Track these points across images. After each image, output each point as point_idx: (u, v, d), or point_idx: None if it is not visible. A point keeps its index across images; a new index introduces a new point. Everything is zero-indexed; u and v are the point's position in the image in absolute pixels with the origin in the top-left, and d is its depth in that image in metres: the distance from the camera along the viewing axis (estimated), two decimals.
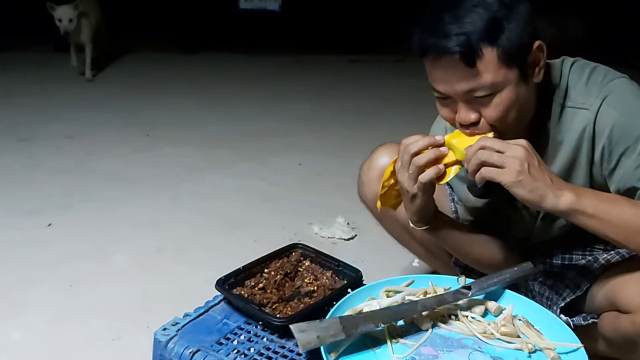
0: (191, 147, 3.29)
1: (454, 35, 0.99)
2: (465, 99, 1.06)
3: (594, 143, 1.10)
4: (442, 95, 1.09)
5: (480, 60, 1.01)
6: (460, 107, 1.08)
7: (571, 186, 1.05)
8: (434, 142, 1.09)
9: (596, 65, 1.15)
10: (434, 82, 1.08)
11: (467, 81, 1.03)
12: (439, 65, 1.04)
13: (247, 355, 1.09)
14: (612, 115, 1.07)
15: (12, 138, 3.37)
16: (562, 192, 1.01)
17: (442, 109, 1.13)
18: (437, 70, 1.06)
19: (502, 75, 1.03)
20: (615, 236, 1.04)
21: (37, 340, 1.62)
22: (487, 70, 1.02)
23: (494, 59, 1.01)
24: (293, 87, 4.74)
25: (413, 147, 1.10)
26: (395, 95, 4.38)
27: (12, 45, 5.73)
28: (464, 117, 1.07)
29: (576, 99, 1.11)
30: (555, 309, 1.26)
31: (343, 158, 3.03)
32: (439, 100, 1.12)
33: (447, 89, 1.06)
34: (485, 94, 1.04)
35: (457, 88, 1.05)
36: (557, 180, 1.03)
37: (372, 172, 1.39)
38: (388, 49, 5.90)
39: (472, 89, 1.04)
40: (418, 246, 1.50)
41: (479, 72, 1.02)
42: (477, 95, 1.04)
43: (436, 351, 1.01)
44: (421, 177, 1.08)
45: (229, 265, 1.30)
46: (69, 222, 2.35)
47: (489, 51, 1.01)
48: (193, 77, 5.01)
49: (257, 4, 5.63)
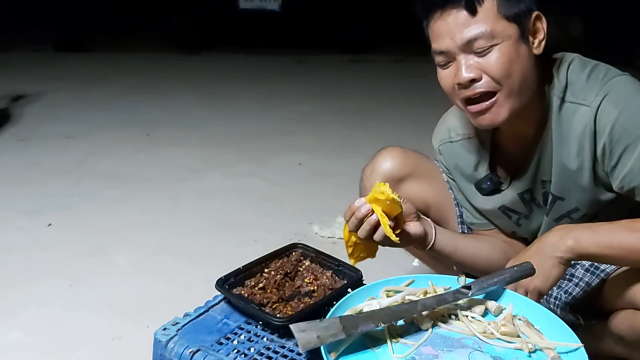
0: (191, 147, 3.29)
1: None
2: (465, 50, 1.07)
3: (595, 140, 1.11)
4: (443, 57, 1.10)
5: (480, 6, 1.05)
6: (460, 65, 1.08)
7: (565, 232, 1.11)
8: (355, 209, 1.11)
9: (597, 63, 1.15)
10: (435, 40, 1.10)
11: (468, 29, 1.06)
12: (440, 18, 1.08)
13: (247, 355, 1.09)
14: (613, 113, 1.07)
15: (12, 138, 3.37)
16: (558, 249, 1.09)
17: (444, 76, 1.13)
18: (438, 24, 1.08)
19: (501, 26, 1.06)
20: (628, 263, 1.12)
21: (37, 340, 1.62)
22: (487, 18, 1.05)
23: (494, 8, 1.05)
24: (293, 87, 4.75)
25: (346, 216, 1.14)
26: (395, 95, 4.39)
27: (12, 45, 5.73)
28: (465, 75, 1.08)
29: (577, 94, 1.12)
30: (565, 306, 1.26)
31: (343, 158, 3.03)
32: (440, 67, 1.13)
33: (447, 42, 1.08)
34: (485, 44, 1.06)
35: (457, 38, 1.06)
36: (548, 240, 1.12)
37: (375, 177, 1.38)
38: (388, 49, 5.90)
39: (473, 37, 1.05)
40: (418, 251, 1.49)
41: (479, 19, 1.05)
42: (477, 48, 1.06)
43: (436, 351, 1.01)
44: (359, 233, 1.12)
45: (229, 265, 1.30)
46: (69, 222, 2.35)
47: (490, 1, 1.05)
48: (193, 77, 5.01)
49: (257, 4, 5.63)
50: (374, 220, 1.09)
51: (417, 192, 1.38)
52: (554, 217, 1.24)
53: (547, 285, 1.12)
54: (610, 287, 1.22)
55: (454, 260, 1.29)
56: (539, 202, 1.26)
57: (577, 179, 1.15)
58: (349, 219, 1.12)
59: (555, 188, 1.19)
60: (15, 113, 3.86)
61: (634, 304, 1.13)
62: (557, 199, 1.20)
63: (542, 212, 1.27)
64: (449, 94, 1.15)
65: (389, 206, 1.08)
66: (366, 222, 1.10)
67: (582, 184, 1.15)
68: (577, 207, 1.19)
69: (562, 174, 1.16)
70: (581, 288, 1.26)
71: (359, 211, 1.10)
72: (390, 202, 1.07)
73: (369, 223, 1.10)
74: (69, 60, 5.22)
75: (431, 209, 1.41)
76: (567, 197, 1.19)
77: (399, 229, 1.14)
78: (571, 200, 1.19)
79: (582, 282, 1.26)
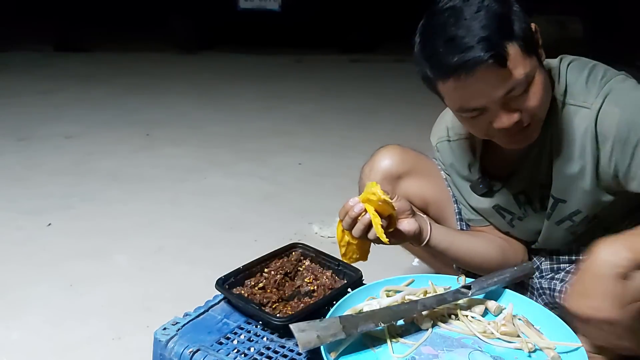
0: (191, 147, 3.29)
1: (476, 44, 0.97)
2: (503, 102, 1.03)
3: (597, 143, 1.10)
4: (476, 111, 1.05)
5: (509, 59, 0.99)
6: (500, 114, 1.04)
7: (615, 247, 0.99)
8: (349, 208, 1.12)
9: (595, 64, 1.15)
10: (465, 101, 1.04)
11: (504, 84, 1.00)
12: (469, 81, 1.00)
13: (247, 355, 1.09)
14: (616, 113, 1.06)
15: (12, 138, 3.37)
16: (618, 265, 0.97)
17: (475, 125, 1.10)
18: (467, 88, 1.01)
19: (529, 64, 1.02)
20: None
21: (37, 340, 1.62)
22: (517, 65, 1.00)
23: (519, 52, 1.00)
24: (293, 87, 4.74)
25: (341, 215, 1.15)
26: (395, 95, 4.39)
27: (12, 45, 5.73)
28: (507, 121, 1.04)
29: (577, 97, 1.11)
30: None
31: (343, 158, 3.03)
32: (470, 119, 1.08)
33: (484, 101, 1.03)
34: (523, 89, 1.03)
35: (494, 95, 1.01)
36: (599, 262, 0.99)
37: (374, 174, 1.39)
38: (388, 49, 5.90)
39: (511, 89, 1.01)
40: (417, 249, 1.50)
41: (510, 70, 1.00)
42: (515, 95, 1.03)
43: (436, 351, 1.01)
44: (354, 232, 1.13)
45: (229, 265, 1.30)
46: (69, 222, 2.35)
47: (512, 46, 1.00)
48: (193, 77, 5.01)
49: (257, 4, 5.63)
50: (367, 220, 1.10)
51: (415, 189, 1.39)
52: (555, 220, 1.24)
53: (615, 311, 0.98)
54: None
55: (450, 257, 1.29)
56: (535, 206, 1.26)
57: (579, 181, 1.15)
58: (344, 217, 1.13)
59: (557, 191, 1.19)
60: (15, 113, 3.86)
61: None
62: (559, 201, 1.20)
63: (538, 215, 1.27)
64: (480, 136, 1.13)
65: (381, 206, 1.09)
66: (359, 221, 1.11)
67: (584, 186, 1.15)
68: (579, 209, 1.19)
69: (563, 176, 1.16)
70: None
71: (352, 210, 1.11)
72: (382, 203, 1.08)
73: (363, 222, 1.10)
74: (69, 60, 5.21)
75: (430, 206, 1.41)
76: (568, 199, 1.19)
77: (392, 228, 1.15)
78: (573, 202, 1.19)
79: None
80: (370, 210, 1.09)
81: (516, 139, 1.10)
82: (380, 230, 1.09)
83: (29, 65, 5.22)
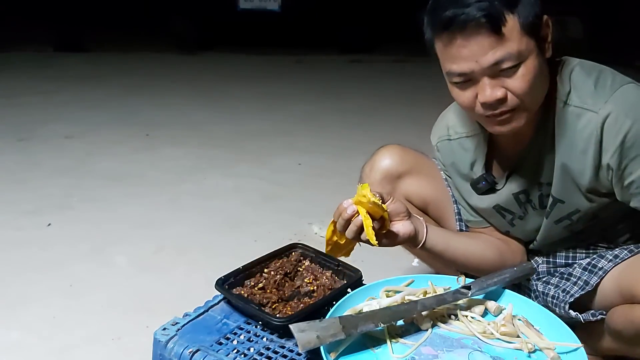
0: (191, 147, 3.29)
1: (474, 2, 0.98)
2: (490, 73, 1.02)
3: (601, 147, 1.10)
4: (462, 78, 1.05)
5: (504, 27, 0.98)
6: (485, 86, 1.04)
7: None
8: (342, 210, 1.12)
9: (603, 68, 1.14)
10: (455, 61, 1.03)
11: (494, 51, 1.00)
12: (461, 40, 1.00)
13: (246, 355, 1.09)
14: (626, 123, 1.06)
15: (12, 138, 3.37)
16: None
17: (462, 94, 1.08)
18: (458, 46, 1.01)
19: (525, 43, 1.01)
20: None
21: (37, 340, 1.62)
22: (512, 37, 1.00)
23: (517, 26, 1.00)
24: (293, 87, 4.75)
25: (335, 216, 1.15)
26: (395, 95, 4.38)
27: (12, 45, 5.74)
28: (490, 95, 1.04)
29: (584, 100, 1.10)
30: (564, 305, 1.26)
31: (343, 158, 3.03)
32: (457, 85, 1.08)
33: (471, 65, 1.02)
34: (512, 64, 1.02)
35: (482, 61, 1.01)
36: None
37: (374, 174, 1.39)
38: (388, 49, 5.90)
39: (500, 59, 1.00)
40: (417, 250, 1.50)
41: (505, 40, 0.99)
42: (503, 68, 1.02)
43: (436, 351, 1.01)
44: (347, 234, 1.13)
45: (228, 265, 1.30)
46: (69, 222, 2.35)
47: (511, 18, 1.00)
48: (193, 78, 5.01)
49: (257, 4, 5.63)
50: (359, 222, 1.10)
51: (415, 189, 1.39)
52: (554, 220, 1.24)
53: None
54: (607, 284, 1.22)
55: (447, 259, 1.29)
56: (535, 204, 1.26)
57: (579, 182, 1.15)
58: (338, 218, 1.13)
59: (556, 191, 1.19)
60: (15, 113, 3.86)
61: (634, 298, 1.13)
62: (558, 201, 1.20)
63: (537, 214, 1.27)
64: (466, 109, 1.12)
65: (372, 208, 1.09)
66: (352, 223, 1.11)
67: (583, 188, 1.15)
68: (578, 208, 1.19)
69: (564, 176, 1.16)
70: (580, 287, 1.26)
71: (345, 212, 1.11)
72: (372, 205, 1.08)
73: (355, 224, 1.11)
74: (69, 60, 5.22)
75: (429, 206, 1.41)
76: (567, 199, 1.19)
77: (385, 230, 1.15)
78: (572, 202, 1.19)
79: (581, 280, 1.27)
80: (362, 212, 1.10)
81: (499, 121, 1.09)
82: (371, 232, 1.09)
83: (29, 65, 5.23)
